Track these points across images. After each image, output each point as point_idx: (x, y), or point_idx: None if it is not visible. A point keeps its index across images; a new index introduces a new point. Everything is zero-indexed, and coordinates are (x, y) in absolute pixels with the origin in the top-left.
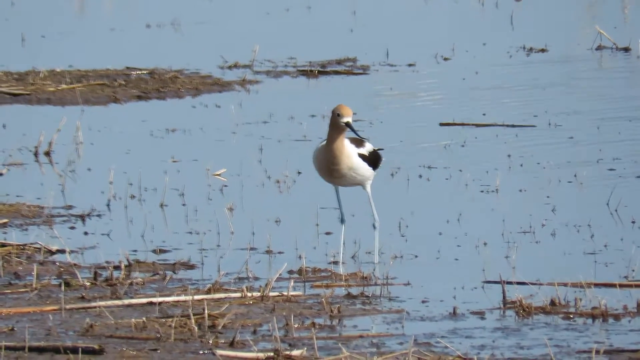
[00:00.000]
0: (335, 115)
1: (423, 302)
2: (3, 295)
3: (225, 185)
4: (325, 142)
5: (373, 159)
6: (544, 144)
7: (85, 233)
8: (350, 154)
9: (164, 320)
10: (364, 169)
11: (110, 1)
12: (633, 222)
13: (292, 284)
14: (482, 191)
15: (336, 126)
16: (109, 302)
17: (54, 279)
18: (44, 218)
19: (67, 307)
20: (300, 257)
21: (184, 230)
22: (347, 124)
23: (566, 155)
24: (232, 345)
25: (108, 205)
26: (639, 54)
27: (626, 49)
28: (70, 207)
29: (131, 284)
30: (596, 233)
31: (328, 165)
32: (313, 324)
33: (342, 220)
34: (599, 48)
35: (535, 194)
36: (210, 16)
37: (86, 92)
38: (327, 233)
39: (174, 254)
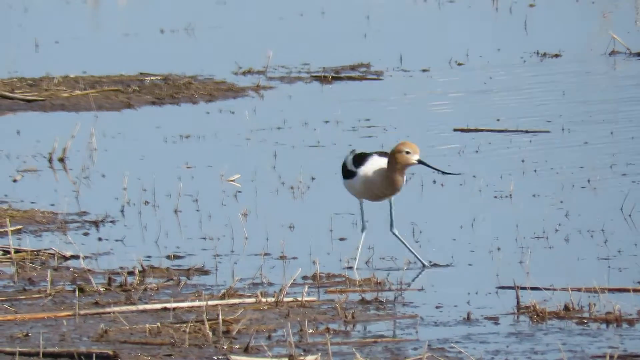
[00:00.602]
0: (404, 153)
1: (437, 307)
2: (17, 300)
3: (239, 191)
4: (380, 169)
5: None
6: (557, 149)
7: (99, 239)
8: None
9: (178, 325)
10: None
11: (124, 7)
12: None
13: (306, 289)
14: (495, 196)
15: (404, 163)
16: (123, 308)
17: (68, 284)
18: (58, 224)
19: (81, 312)
20: (314, 262)
21: (198, 236)
22: (420, 162)
23: (580, 160)
24: (246, 350)
25: (122, 211)
26: None
27: (639, 54)
28: (84, 213)
29: (145, 289)
30: (610, 238)
31: (382, 191)
32: (327, 329)
33: (363, 228)
34: (613, 53)
35: (549, 199)
36: (224, 21)
37: (100, 98)
38: (341, 239)
39: (188, 259)
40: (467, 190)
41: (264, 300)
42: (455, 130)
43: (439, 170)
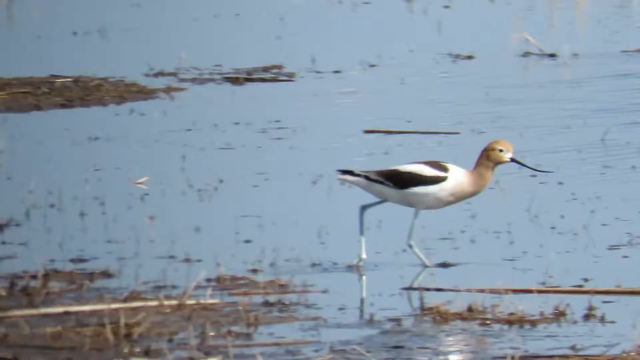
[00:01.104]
0: (497, 151)
1: (340, 309)
2: None
3: (147, 194)
4: (465, 171)
5: None
6: (467, 150)
7: (3, 242)
8: None
9: (79, 329)
10: None
11: (38, 9)
12: (553, 228)
13: (209, 292)
14: None
15: (497, 161)
16: (25, 312)
17: None
18: None
19: None
20: (218, 265)
21: (103, 239)
22: (513, 160)
23: None
24: (147, 354)
25: (27, 214)
26: (565, 60)
27: (552, 55)
28: None
29: (48, 293)
30: (516, 239)
31: (470, 194)
32: (229, 331)
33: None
34: (526, 54)
35: None
36: (138, 23)
37: (9, 100)
38: (247, 241)
39: (92, 263)
40: None
41: (166, 303)
42: (365, 131)
43: (531, 168)
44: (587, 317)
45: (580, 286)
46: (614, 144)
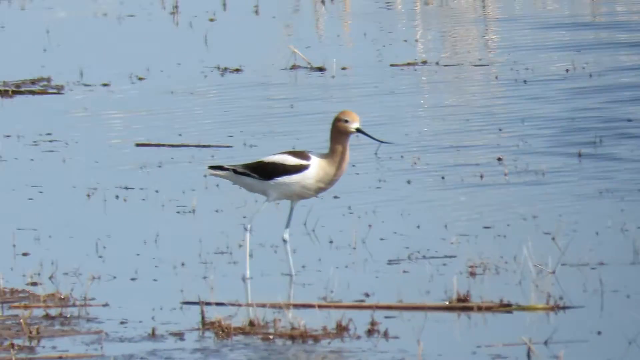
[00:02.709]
0: (343, 122)
1: (122, 323)
2: None
3: None
4: (323, 155)
5: None
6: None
7: None
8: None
9: None
10: None
11: None
12: (331, 242)
13: None
14: (178, 212)
15: (344, 134)
16: None
17: None
18: None
19: None
20: None
21: None
22: (359, 130)
23: None
24: None
25: None
26: (333, 74)
27: (321, 69)
28: None
29: None
30: (294, 253)
31: (333, 178)
32: (12, 344)
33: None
34: (294, 67)
35: (232, 214)
36: None
37: None
38: (24, 254)
39: None
40: (150, 205)
41: None
42: (137, 144)
43: (375, 139)
44: (370, 332)
45: (362, 301)
46: (387, 158)
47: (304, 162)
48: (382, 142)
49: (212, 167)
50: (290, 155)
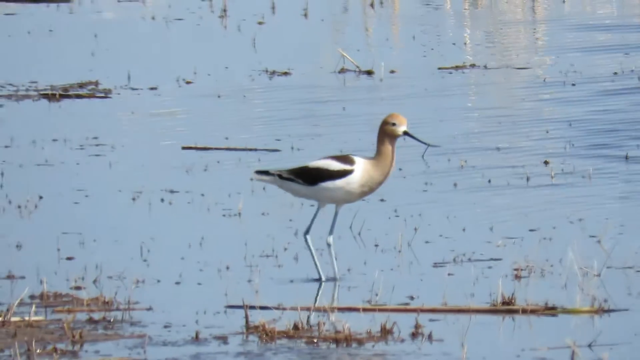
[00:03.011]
0: (390, 125)
1: (165, 326)
2: None
3: None
4: (369, 158)
5: None
6: (284, 166)
7: None
8: None
9: None
10: None
11: None
12: (376, 246)
13: (33, 308)
14: (224, 215)
15: (391, 137)
16: None
17: None
18: None
19: None
20: (41, 282)
21: None
22: (406, 133)
23: None
24: None
25: None
26: (382, 77)
27: (369, 72)
28: None
29: None
30: (339, 256)
31: (381, 181)
32: (55, 349)
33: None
34: (342, 71)
35: (278, 217)
36: None
37: None
38: (69, 258)
39: None
40: (195, 208)
41: None
42: (184, 148)
43: (423, 142)
44: (414, 335)
45: (407, 304)
46: (433, 161)
47: (348, 167)
48: (429, 145)
49: (258, 172)
50: (335, 159)
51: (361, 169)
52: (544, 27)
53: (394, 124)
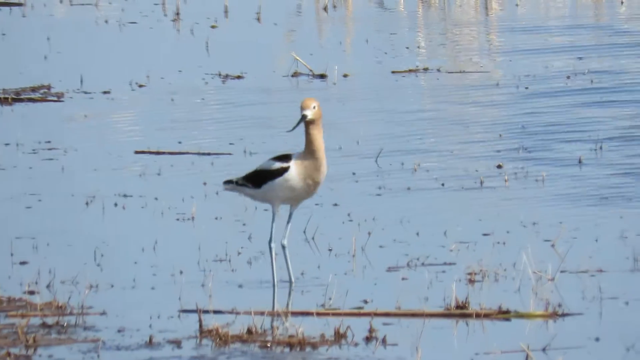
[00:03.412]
0: (300, 112)
1: (119, 331)
2: None
3: None
4: (300, 153)
5: None
6: (240, 171)
7: None
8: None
9: None
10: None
11: None
12: (330, 250)
13: None
14: (178, 219)
15: (305, 124)
16: None
17: None
18: None
19: None
20: None
21: None
22: (304, 117)
23: None
24: None
25: None
26: (335, 81)
27: (322, 76)
28: None
29: None
30: (293, 260)
31: (317, 169)
32: (8, 353)
33: (271, 245)
34: (295, 75)
35: (232, 221)
36: None
37: None
38: (22, 262)
39: None
40: (149, 212)
41: None
42: (136, 152)
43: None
44: (368, 339)
45: (360, 308)
46: (387, 165)
47: (285, 164)
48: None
49: (225, 182)
50: (275, 160)
51: (295, 164)
52: (497, 30)
53: (301, 109)
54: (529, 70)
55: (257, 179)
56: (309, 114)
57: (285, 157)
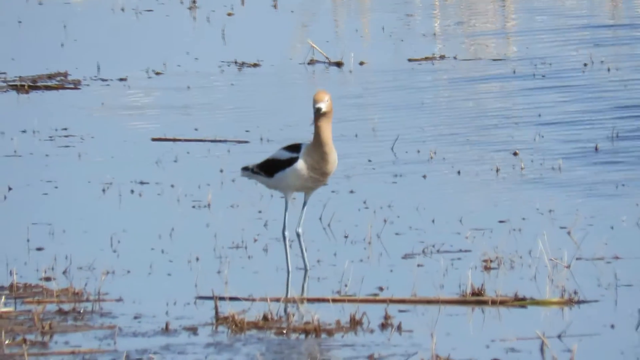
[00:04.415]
0: (313, 105)
1: (135, 317)
2: None
3: None
4: (309, 143)
5: None
6: (256, 159)
7: None
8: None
9: None
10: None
11: None
12: (346, 237)
13: (2, 300)
14: (194, 206)
15: (316, 115)
16: None
17: None
18: None
19: None
20: (11, 272)
21: None
22: (319, 110)
23: None
24: None
25: None
26: (351, 69)
27: (338, 64)
28: None
29: None
30: (309, 247)
31: (324, 160)
32: (24, 340)
33: (285, 234)
34: (312, 62)
35: (247, 209)
36: None
37: None
38: (39, 249)
39: None
40: (165, 199)
41: None
42: (153, 139)
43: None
44: (383, 326)
45: (376, 295)
46: (403, 153)
47: (294, 154)
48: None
49: (242, 169)
50: (285, 149)
51: (303, 155)
52: (515, 18)
53: (315, 102)
54: (546, 57)
55: (269, 168)
56: (323, 106)
57: (296, 147)
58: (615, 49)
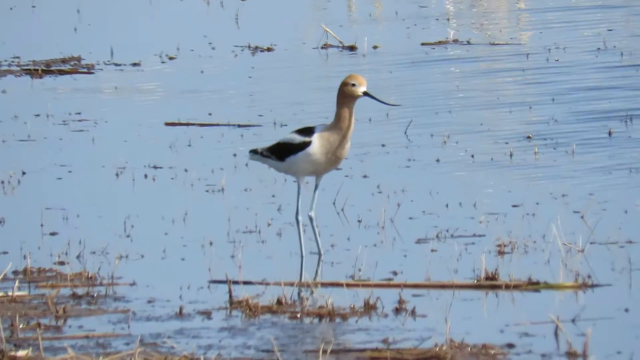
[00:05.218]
0: (350, 86)
1: (149, 302)
2: None
3: None
4: (326, 126)
5: None
6: (269, 143)
7: None
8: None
9: None
10: None
11: None
12: (359, 222)
13: (17, 284)
14: (207, 191)
15: (351, 98)
16: None
17: None
18: None
19: None
20: (25, 257)
21: None
22: (366, 93)
23: None
24: None
25: None
26: (365, 53)
27: (352, 48)
28: None
29: None
30: (323, 232)
31: (341, 145)
32: (38, 324)
33: (298, 218)
34: (325, 47)
35: (261, 193)
36: None
37: None
38: (52, 233)
39: None
40: (179, 184)
41: None
42: (166, 124)
43: (383, 102)
44: (397, 310)
45: (390, 279)
46: (416, 137)
47: (307, 138)
48: (390, 104)
49: (250, 152)
50: (297, 133)
51: (318, 138)
52: (528, 2)
53: (353, 85)
54: (560, 41)
55: (280, 152)
56: (367, 89)
57: (308, 131)
58: (628, 33)
